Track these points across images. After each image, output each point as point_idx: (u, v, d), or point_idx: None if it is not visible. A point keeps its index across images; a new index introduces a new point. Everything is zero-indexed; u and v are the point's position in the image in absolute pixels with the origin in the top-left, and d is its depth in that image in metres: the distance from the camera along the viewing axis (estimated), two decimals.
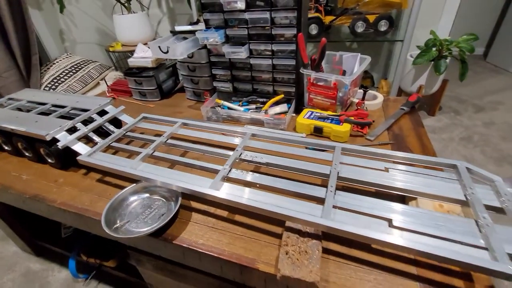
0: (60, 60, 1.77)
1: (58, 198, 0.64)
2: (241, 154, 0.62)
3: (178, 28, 1.02)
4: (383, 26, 1.43)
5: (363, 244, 0.46)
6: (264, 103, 0.94)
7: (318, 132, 0.77)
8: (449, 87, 1.59)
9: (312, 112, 0.83)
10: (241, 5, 0.83)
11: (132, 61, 1.16)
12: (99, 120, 0.77)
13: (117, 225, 0.54)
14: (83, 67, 1.75)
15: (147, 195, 0.60)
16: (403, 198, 0.52)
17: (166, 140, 0.72)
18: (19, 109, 0.89)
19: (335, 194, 0.48)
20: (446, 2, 1.46)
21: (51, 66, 1.72)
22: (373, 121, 0.80)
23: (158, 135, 0.73)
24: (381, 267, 0.44)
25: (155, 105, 1.11)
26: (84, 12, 2.04)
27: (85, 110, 0.79)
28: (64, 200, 0.63)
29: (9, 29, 1.44)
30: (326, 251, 0.47)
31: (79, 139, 0.71)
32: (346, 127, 0.74)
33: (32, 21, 1.53)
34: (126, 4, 1.87)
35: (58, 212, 0.64)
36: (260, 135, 0.69)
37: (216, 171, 0.57)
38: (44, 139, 0.66)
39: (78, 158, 0.65)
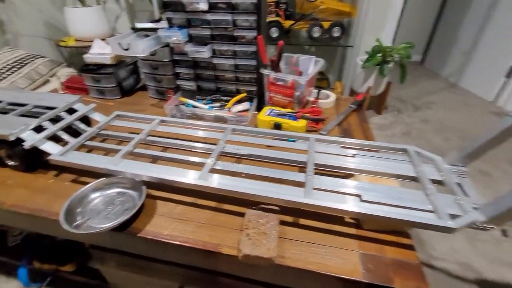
0: (1, 54, 1.60)
1: (7, 200, 0.60)
2: (224, 147, 0.66)
3: (139, 25, 1.00)
4: (336, 32, 1.57)
5: (319, 227, 0.53)
6: (227, 101, 0.98)
7: (277, 128, 0.84)
8: (393, 89, 1.79)
9: (272, 110, 0.89)
10: (203, 6, 0.85)
11: (89, 57, 1.11)
12: (68, 119, 0.73)
13: (78, 222, 0.53)
14: (29, 62, 1.60)
15: (109, 191, 0.60)
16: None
17: (146, 137, 0.72)
18: None
19: (313, 178, 0.55)
20: (389, 13, 1.65)
21: None
22: (326, 118, 0.89)
23: (134, 133, 0.73)
24: (330, 242, 0.50)
25: (115, 103, 1.08)
26: (29, 2, 1.86)
27: (51, 108, 0.75)
28: (14, 202, 0.60)
29: None
30: (283, 232, 0.52)
31: (47, 138, 0.67)
32: (302, 123, 0.81)
33: None
34: None
35: (7, 215, 0.60)
36: (240, 130, 0.74)
37: (201, 164, 0.60)
38: (7, 139, 0.62)
39: (49, 157, 0.62)
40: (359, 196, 0.51)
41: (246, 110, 0.94)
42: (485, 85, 2.27)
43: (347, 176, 0.61)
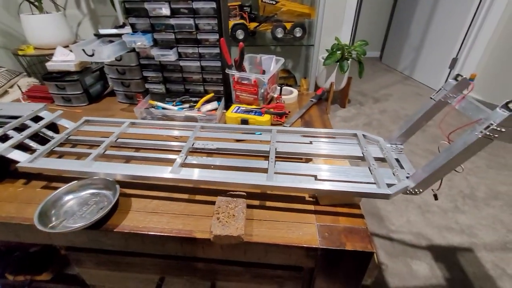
0: None
1: None
2: (193, 143, 0.70)
3: (102, 31, 1.01)
4: (298, 32, 1.67)
5: (282, 207, 0.60)
6: (196, 102, 1.02)
7: (244, 123, 0.89)
8: (354, 83, 1.94)
9: (239, 107, 0.94)
10: (166, 11, 0.89)
11: (52, 65, 1.09)
12: (34, 127, 0.73)
13: (53, 223, 0.55)
14: None
15: (82, 192, 0.62)
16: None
17: (116, 139, 0.74)
18: None
19: (275, 164, 0.61)
20: (345, 13, 1.79)
21: None
22: (289, 112, 0.96)
23: (105, 137, 0.75)
24: (292, 218, 0.57)
25: (83, 110, 1.08)
26: None
27: (15, 117, 0.74)
28: None
29: None
30: (250, 215, 0.58)
31: (14, 147, 0.67)
32: (266, 118, 0.88)
33: None
34: (36, 3, 1.70)
35: None
36: (208, 127, 0.79)
37: (172, 161, 0.64)
38: None
39: (18, 165, 0.62)
40: (314, 176, 0.58)
41: (215, 109, 0.99)
42: (433, 76, 2.52)
43: (306, 161, 0.68)
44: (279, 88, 1.03)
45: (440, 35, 2.42)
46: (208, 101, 1.01)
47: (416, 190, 0.53)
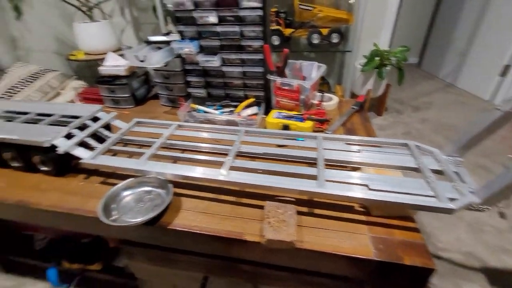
0: (13, 70, 1.68)
1: (43, 202, 0.66)
2: (239, 147, 0.72)
3: (152, 38, 1.08)
4: (334, 38, 1.65)
5: (331, 215, 0.59)
6: (236, 106, 1.04)
7: (285, 129, 0.90)
8: (392, 91, 1.87)
9: (280, 113, 0.95)
10: (213, 19, 0.93)
11: (104, 70, 1.18)
12: (93, 126, 0.80)
13: (113, 217, 0.58)
14: (41, 76, 1.67)
15: (138, 189, 0.65)
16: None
17: (166, 141, 0.78)
18: None
19: (324, 171, 0.61)
20: (385, 18, 1.74)
21: (2, 76, 1.62)
22: (331, 119, 0.95)
23: (154, 137, 0.79)
24: (343, 227, 0.56)
25: (130, 112, 1.15)
26: (40, 20, 1.95)
27: (76, 117, 0.81)
28: (51, 203, 0.66)
29: None
30: (300, 221, 0.58)
31: (77, 144, 0.73)
32: (308, 124, 0.87)
33: None
34: (88, 13, 1.85)
35: (45, 215, 0.66)
36: (252, 131, 0.80)
37: (220, 163, 0.66)
38: (42, 146, 0.68)
39: (81, 161, 0.68)
40: (366, 185, 0.57)
41: (255, 114, 1.00)
42: (481, 84, 2.34)
43: (354, 170, 0.67)
44: (319, 94, 1.02)
45: (489, 40, 2.26)
46: (248, 106, 1.03)
47: (482, 207, 0.50)
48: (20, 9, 1.66)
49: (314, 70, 1.02)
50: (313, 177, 0.60)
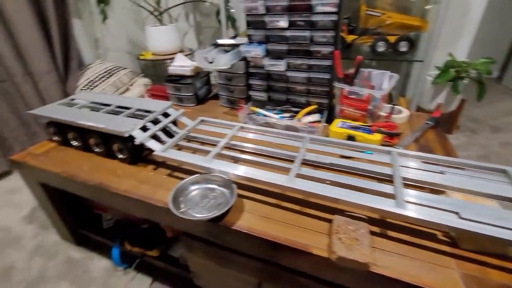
0: (94, 66, 1.90)
1: (120, 186, 0.72)
2: (305, 155, 0.70)
3: (220, 41, 1.12)
4: (403, 46, 1.53)
5: (409, 241, 0.53)
6: (296, 112, 1.02)
7: (350, 139, 0.84)
8: (466, 107, 1.65)
9: (344, 122, 0.90)
10: (283, 24, 0.93)
11: (172, 69, 1.27)
12: (164, 121, 0.85)
13: (182, 210, 0.61)
14: (115, 73, 1.87)
15: (204, 186, 0.67)
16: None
17: (229, 141, 0.80)
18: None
19: (402, 190, 0.55)
20: (464, 27, 1.56)
21: (86, 70, 1.84)
22: (401, 133, 0.87)
23: (217, 136, 0.81)
24: (423, 256, 0.50)
25: (192, 110, 1.21)
26: (118, 23, 2.19)
27: (149, 112, 0.88)
28: (126, 188, 0.71)
29: (55, 36, 1.58)
30: (372, 242, 0.53)
31: (151, 137, 0.78)
32: (377, 137, 0.81)
33: (73, 29, 1.67)
34: (159, 17, 2.02)
35: (121, 199, 0.71)
36: (318, 140, 0.77)
37: (284, 168, 0.65)
38: (123, 135, 0.75)
39: (154, 153, 0.73)
40: (457, 213, 0.50)
41: (317, 121, 0.97)
42: None
43: (435, 193, 0.59)
44: (389, 106, 0.95)
45: None
46: (309, 113, 1.00)
47: None
48: (106, 13, 1.89)
49: (385, 80, 0.95)
50: (388, 196, 0.55)
